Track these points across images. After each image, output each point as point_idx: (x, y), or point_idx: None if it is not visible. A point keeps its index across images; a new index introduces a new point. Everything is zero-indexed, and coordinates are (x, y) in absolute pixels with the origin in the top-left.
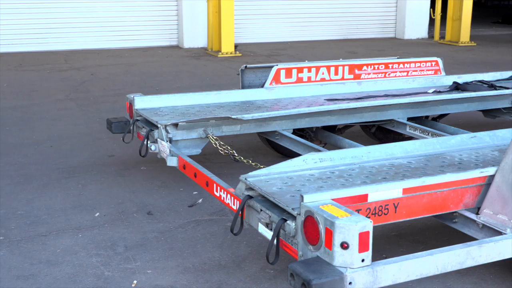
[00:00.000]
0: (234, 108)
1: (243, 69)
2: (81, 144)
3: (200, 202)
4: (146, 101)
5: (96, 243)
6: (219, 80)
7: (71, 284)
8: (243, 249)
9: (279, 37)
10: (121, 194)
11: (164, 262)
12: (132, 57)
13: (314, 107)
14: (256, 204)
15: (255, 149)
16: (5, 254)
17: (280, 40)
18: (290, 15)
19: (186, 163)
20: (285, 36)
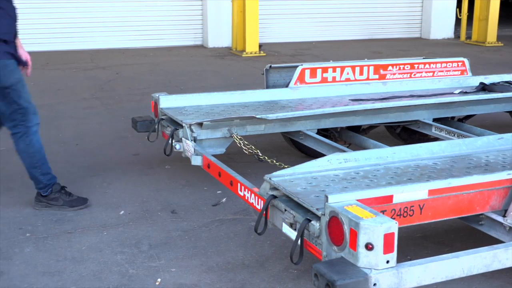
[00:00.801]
0: (258, 107)
1: (267, 69)
2: (106, 143)
3: (224, 201)
4: (171, 100)
5: (120, 241)
6: (243, 79)
7: (96, 281)
8: (267, 248)
9: (303, 37)
10: (146, 192)
11: (188, 261)
12: (157, 57)
13: (339, 107)
14: (280, 204)
15: (279, 149)
16: (32, 251)
17: (305, 40)
18: (314, 14)
19: (211, 162)
20: (310, 36)
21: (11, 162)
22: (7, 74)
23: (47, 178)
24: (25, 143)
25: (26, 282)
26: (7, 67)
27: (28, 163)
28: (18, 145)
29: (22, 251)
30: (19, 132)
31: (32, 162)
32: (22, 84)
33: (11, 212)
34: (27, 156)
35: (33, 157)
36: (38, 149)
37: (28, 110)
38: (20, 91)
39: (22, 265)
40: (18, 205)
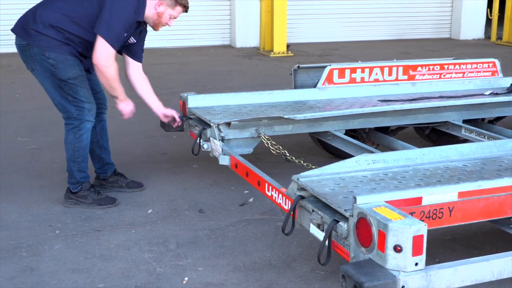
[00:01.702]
0: (286, 108)
1: (295, 69)
2: (135, 142)
3: (251, 201)
4: (199, 100)
5: (148, 239)
6: (271, 79)
7: (124, 279)
8: (294, 249)
9: (331, 37)
10: (173, 191)
11: (215, 260)
12: (185, 56)
13: (367, 108)
14: (308, 205)
15: (306, 149)
16: (61, 248)
17: (333, 40)
18: (343, 15)
19: (238, 162)
20: (338, 36)
21: (42, 160)
22: (65, 67)
23: (81, 176)
24: (75, 136)
25: (55, 278)
26: (67, 61)
27: (70, 155)
28: (67, 136)
29: (51, 248)
30: (72, 124)
31: (73, 156)
32: (80, 81)
33: (41, 209)
34: (71, 148)
35: (77, 151)
36: (84, 146)
37: (84, 105)
38: (77, 86)
39: (51, 262)
40: (48, 203)
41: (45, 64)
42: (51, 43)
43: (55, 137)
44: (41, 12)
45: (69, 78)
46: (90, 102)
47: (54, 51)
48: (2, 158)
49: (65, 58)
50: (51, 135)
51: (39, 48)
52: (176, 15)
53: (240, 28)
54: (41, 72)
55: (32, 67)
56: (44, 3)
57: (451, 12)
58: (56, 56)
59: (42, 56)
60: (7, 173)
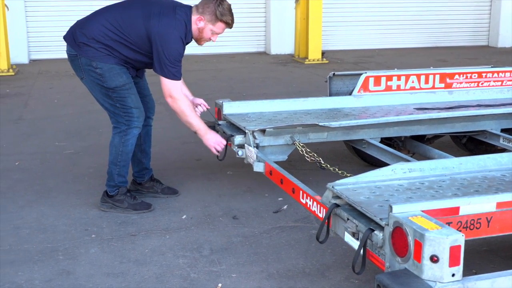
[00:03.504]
0: (321, 115)
1: (331, 76)
2: (170, 148)
3: (285, 209)
4: (234, 106)
5: (182, 245)
6: (306, 87)
7: (158, 284)
8: (328, 257)
9: (366, 44)
10: (208, 197)
11: (248, 267)
12: (220, 63)
13: (403, 116)
14: (343, 213)
15: (341, 157)
16: (97, 252)
17: (368, 47)
18: (378, 22)
19: (273, 169)
20: (373, 43)
21: (79, 164)
22: (112, 76)
23: (119, 180)
24: (120, 140)
25: (91, 282)
26: (113, 70)
27: (113, 158)
28: (113, 138)
29: (87, 252)
30: (119, 128)
31: (116, 159)
32: (128, 88)
33: (77, 213)
34: (115, 151)
35: (120, 155)
36: (128, 151)
37: (132, 111)
38: (125, 94)
39: (87, 266)
40: (85, 207)
41: (92, 73)
42: (97, 53)
43: (91, 142)
44: (88, 25)
45: (116, 87)
46: (139, 108)
47: (101, 61)
48: (40, 163)
49: (112, 67)
50: (88, 140)
51: (86, 58)
52: (218, 31)
53: (275, 35)
54: (89, 81)
55: (81, 76)
56: (93, 15)
57: (489, 19)
58: (103, 66)
59: (89, 66)
60: (45, 177)
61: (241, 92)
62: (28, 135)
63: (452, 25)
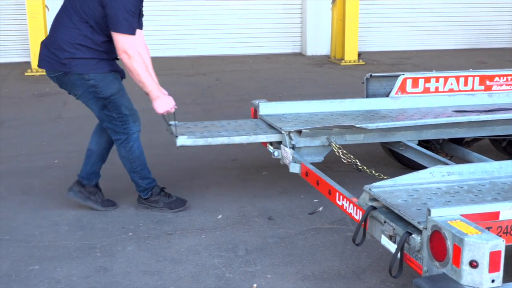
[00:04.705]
0: (358, 117)
1: (368, 78)
2: (206, 148)
3: (320, 210)
4: (271, 107)
5: (218, 245)
6: (342, 88)
7: (194, 283)
8: (364, 260)
9: (403, 46)
10: (243, 198)
11: (283, 268)
12: (256, 64)
13: (442, 118)
14: (380, 216)
15: (377, 159)
16: (133, 250)
17: (405, 48)
18: (415, 23)
19: (309, 170)
20: (410, 44)
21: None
22: (106, 85)
23: (146, 182)
24: (126, 149)
25: (128, 279)
26: (106, 78)
27: (129, 168)
28: (120, 151)
29: (124, 250)
30: (120, 139)
31: (132, 167)
32: (122, 93)
33: (115, 211)
34: (127, 161)
35: (133, 163)
36: (138, 155)
37: (128, 118)
38: (120, 100)
39: (124, 263)
40: (122, 205)
41: (86, 87)
42: (87, 65)
43: None
44: (58, 37)
45: (112, 95)
46: (133, 113)
47: (92, 72)
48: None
49: (104, 76)
50: None
51: (76, 73)
52: None
53: (311, 36)
54: (85, 96)
55: (75, 93)
56: (54, 27)
57: None
58: (95, 76)
59: (81, 80)
60: None
61: (276, 93)
62: (66, 133)
63: (492, 27)
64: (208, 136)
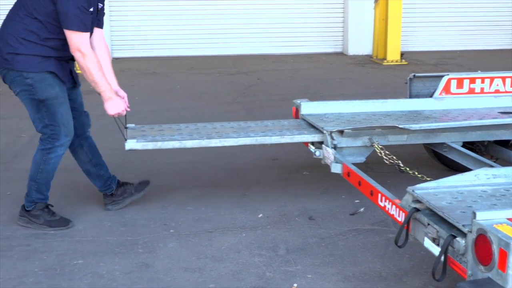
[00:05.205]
0: (400, 117)
1: (411, 78)
2: (247, 147)
3: (362, 211)
4: (312, 107)
5: (258, 244)
6: (384, 88)
7: (235, 281)
8: (405, 262)
9: (447, 46)
10: (284, 197)
11: (324, 268)
12: (297, 63)
13: (487, 119)
14: (423, 218)
15: (420, 161)
16: (175, 247)
17: (449, 48)
18: (460, 22)
19: (351, 170)
20: (454, 44)
21: (158, 161)
22: (43, 87)
23: (37, 197)
24: (42, 157)
25: (169, 276)
26: (45, 80)
27: (32, 174)
28: (36, 154)
29: (166, 246)
30: (44, 146)
31: (35, 176)
32: (60, 101)
33: (157, 208)
34: (35, 167)
35: (40, 173)
36: (49, 170)
37: (60, 129)
38: (56, 107)
39: (165, 260)
40: (164, 202)
41: (24, 84)
42: (29, 62)
43: None
44: (7, 31)
45: (47, 98)
46: (67, 127)
47: (33, 70)
48: (121, 158)
49: (44, 77)
50: None
51: (17, 70)
52: None
53: (352, 35)
54: (22, 94)
55: (14, 90)
56: (3, 24)
57: None
58: (34, 76)
59: (20, 77)
60: (126, 172)
61: (318, 93)
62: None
63: None
64: (159, 140)
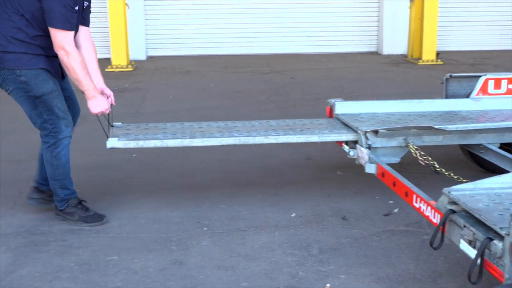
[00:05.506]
0: (436, 118)
1: (447, 78)
2: (280, 146)
3: (396, 212)
4: (347, 106)
5: (291, 243)
6: (419, 88)
7: (267, 280)
8: (440, 264)
9: (484, 45)
10: (317, 197)
11: (357, 269)
12: (331, 62)
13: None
14: (459, 220)
15: (455, 162)
16: (208, 245)
17: (485, 48)
18: (497, 22)
19: (385, 171)
20: (491, 44)
21: (192, 159)
22: (38, 83)
23: (65, 193)
24: (52, 154)
25: (202, 273)
26: (39, 76)
27: (50, 174)
28: (45, 154)
29: (199, 244)
30: (48, 142)
31: (54, 174)
32: (55, 95)
33: (190, 206)
34: (50, 166)
35: (57, 170)
36: (63, 163)
37: (59, 121)
38: (53, 101)
39: (199, 257)
40: (197, 200)
41: (17, 82)
42: (20, 60)
43: None
44: None
45: (44, 94)
46: (66, 118)
47: (25, 68)
48: (156, 156)
49: (37, 73)
50: None
51: (8, 68)
52: None
53: (387, 35)
54: (16, 92)
55: (7, 89)
56: None
57: None
58: (27, 73)
59: (13, 75)
60: (160, 170)
61: (352, 92)
62: None
63: None
64: (142, 138)
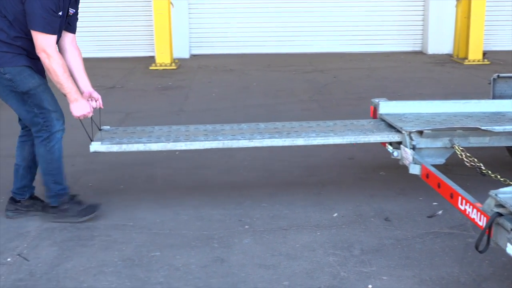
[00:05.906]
0: (483, 118)
1: (495, 78)
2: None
3: (440, 214)
4: (391, 106)
5: (333, 243)
6: (465, 88)
7: (309, 279)
8: (485, 268)
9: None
10: (359, 197)
11: (400, 271)
12: (374, 62)
13: None
14: (506, 223)
15: (502, 164)
16: (249, 243)
17: None
18: None
19: (430, 172)
20: None
21: (234, 156)
22: (23, 79)
23: (58, 188)
24: (45, 148)
25: (243, 271)
26: (23, 72)
27: (44, 169)
28: (38, 149)
29: (240, 242)
30: (41, 137)
31: (47, 169)
32: (43, 89)
33: (232, 204)
34: (44, 161)
35: (50, 164)
36: (57, 157)
37: (51, 115)
38: (41, 95)
39: (240, 255)
40: (239, 198)
41: (2, 81)
42: (2, 58)
43: None
44: None
45: (30, 89)
46: (57, 110)
47: (8, 65)
48: (198, 154)
49: (21, 70)
50: None
51: None
52: None
53: (433, 34)
54: (3, 90)
55: None
56: None
57: None
58: (11, 70)
59: None
60: (199, 167)
61: (396, 92)
62: None
63: None
64: (125, 142)
